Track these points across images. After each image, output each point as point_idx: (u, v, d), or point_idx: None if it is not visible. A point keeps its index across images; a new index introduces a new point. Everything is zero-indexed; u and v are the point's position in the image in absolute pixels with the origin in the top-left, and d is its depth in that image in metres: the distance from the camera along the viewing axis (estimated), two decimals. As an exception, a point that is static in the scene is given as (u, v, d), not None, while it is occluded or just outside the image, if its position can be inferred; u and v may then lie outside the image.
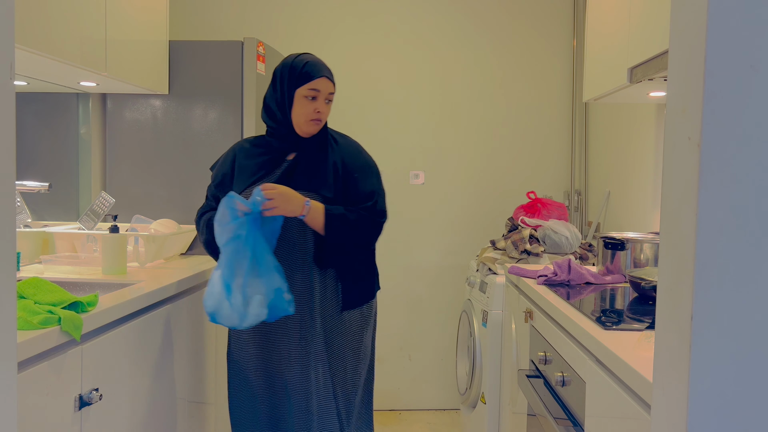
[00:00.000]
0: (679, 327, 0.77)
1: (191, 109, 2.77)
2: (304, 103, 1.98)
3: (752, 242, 0.74)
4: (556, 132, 3.68)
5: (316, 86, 1.98)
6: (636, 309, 1.84)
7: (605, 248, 2.23)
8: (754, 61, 0.73)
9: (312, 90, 1.98)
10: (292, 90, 1.99)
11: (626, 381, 1.26)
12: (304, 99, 1.98)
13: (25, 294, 1.51)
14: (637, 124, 2.90)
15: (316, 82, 1.98)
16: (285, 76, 2.00)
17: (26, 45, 1.82)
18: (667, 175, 0.81)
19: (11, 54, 0.82)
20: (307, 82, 1.97)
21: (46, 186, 2.24)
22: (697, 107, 0.74)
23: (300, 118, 1.99)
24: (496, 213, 3.63)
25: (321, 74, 1.99)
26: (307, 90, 1.97)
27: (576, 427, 1.59)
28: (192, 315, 2.27)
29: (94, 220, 2.46)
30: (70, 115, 2.72)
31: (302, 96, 1.98)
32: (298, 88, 1.98)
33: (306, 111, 1.98)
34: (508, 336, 2.53)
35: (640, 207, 2.82)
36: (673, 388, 0.78)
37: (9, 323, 0.82)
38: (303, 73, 1.98)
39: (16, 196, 1.53)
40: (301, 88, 1.98)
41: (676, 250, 0.79)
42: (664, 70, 1.82)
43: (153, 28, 2.63)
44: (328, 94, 2.01)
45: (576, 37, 3.63)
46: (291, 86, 1.99)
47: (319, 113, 1.99)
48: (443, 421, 3.56)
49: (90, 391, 1.56)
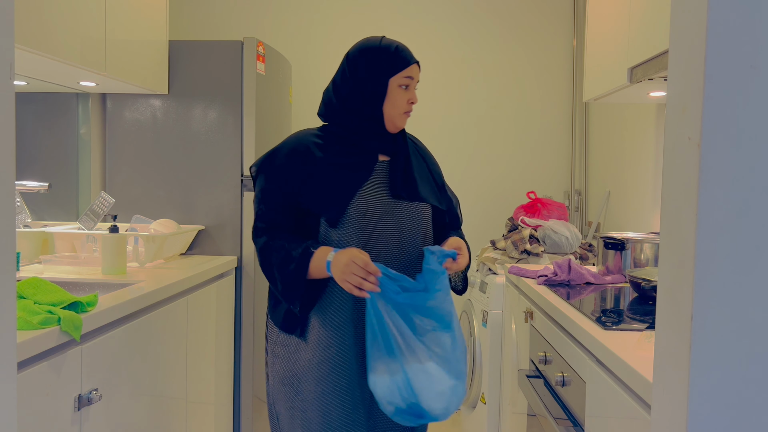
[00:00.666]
0: (679, 327, 0.77)
1: (191, 109, 2.77)
2: (399, 93, 1.71)
3: (752, 242, 0.74)
4: (556, 132, 3.68)
5: (411, 73, 1.73)
6: (636, 309, 1.83)
7: (605, 248, 2.23)
8: (754, 61, 0.73)
9: (407, 78, 1.72)
10: (386, 78, 1.70)
11: (626, 381, 1.26)
12: (399, 89, 1.71)
13: (24, 294, 1.51)
14: (637, 124, 2.90)
15: (411, 69, 1.73)
16: (373, 63, 1.70)
17: (26, 45, 1.82)
18: (667, 175, 0.81)
19: (11, 54, 0.82)
20: (403, 68, 1.71)
21: (46, 186, 2.24)
22: (697, 107, 0.74)
23: (394, 110, 1.71)
24: (496, 213, 3.63)
25: (414, 59, 1.75)
26: (402, 78, 1.71)
27: (576, 427, 1.59)
28: (192, 315, 2.27)
29: (94, 220, 2.46)
30: (70, 115, 2.72)
31: (397, 85, 1.71)
32: (394, 75, 1.70)
33: (401, 102, 1.72)
34: (508, 336, 2.53)
35: (640, 207, 2.82)
36: (673, 388, 0.78)
37: (9, 323, 0.82)
38: (398, 59, 1.71)
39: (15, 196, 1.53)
40: (396, 76, 1.70)
41: (676, 250, 0.79)
42: (664, 70, 1.82)
43: (153, 27, 2.63)
44: (417, 83, 1.78)
45: (576, 37, 3.62)
46: (384, 73, 1.70)
47: (412, 104, 1.75)
48: (443, 421, 3.56)
49: (90, 391, 1.56)
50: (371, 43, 1.73)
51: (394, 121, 1.73)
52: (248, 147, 2.73)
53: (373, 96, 1.70)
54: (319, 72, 3.61)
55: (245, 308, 2.75)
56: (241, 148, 2.74)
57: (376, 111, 1.71)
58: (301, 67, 3.57)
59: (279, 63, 3.04)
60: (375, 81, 1.70)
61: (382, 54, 1.70)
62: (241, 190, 2.75)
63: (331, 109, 1.76)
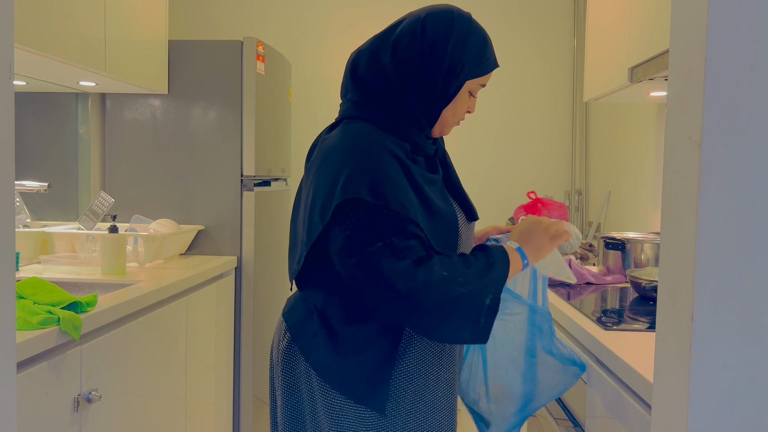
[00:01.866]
0: (679, 327, 0.77)
1: (191, 109, 2.77)
2: (466, 99, 1.37)
3: (752, 242, 0.74)
4: (556, 132, 3.68)
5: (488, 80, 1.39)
6: (636, 309, 1.83)
7: (606, 248, 2.23)
8: (754, 61, 0.72)
9: (482, 86, 1.38)
10: (465, 79, 1.33)
11: (626, 381, 1.26)
12: (467, 95, 1.37)
13: (24, 294, 1.51)
14: (637, 124, 2.90)
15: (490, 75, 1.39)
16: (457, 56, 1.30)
17: (26, 44, 1.82)
18: (667, 175, 0.81)
19: (11, 54, 0.82)
20: (486, 72, 1.36)
21: (45, 186, 2.23)
22: (697, 107, 0.74)
23: (453, 117, 1.39)
24: (496, 213, 3.63)
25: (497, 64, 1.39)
26: (477, 84, 1.36)
27: (576, 427, 1.59)
28: (191, 315, 2.27)
29: (94, 220, 2.46)
30: (70, 115, 2.72)
31: (468, 90, 1.36)
32: (475, 77, 1.34)
33: (463, 110, 1.39)
34: (508, 336, 2.53)
35: (640, 207, 2.82)
36: (673, 388, 0.78)
37: (8, 323, 0.82)
38: (487, 61, 1.35)
39: (15, 196, 1.53)
40: (476, 80, 1.35)
41: (676, 250, 0.79)
42: (665, 70, 1.82)
43: (152, 27, 2.63)
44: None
45: (576, 37, 3.62)
46: (466, 74, 1.32)
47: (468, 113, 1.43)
48: (443, 421, 3.56)
49: (89, 391, 1.56)
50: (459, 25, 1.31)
51: (444, 129, 1.40)
52: (248, 147, 2.73)
53: (441, 95, 1.33)
54: (318, 72, 3.61)
55: (245, 308, 2.75)
56: (241, 148, 2.73)
57: (436, 111, 1.35)
58: (301, 67, 3.57)
59: (279, 63, 3.04)
60: (452, 75, 1.31)
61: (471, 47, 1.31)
62: (241, 190, 2.75)
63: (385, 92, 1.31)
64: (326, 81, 3.61)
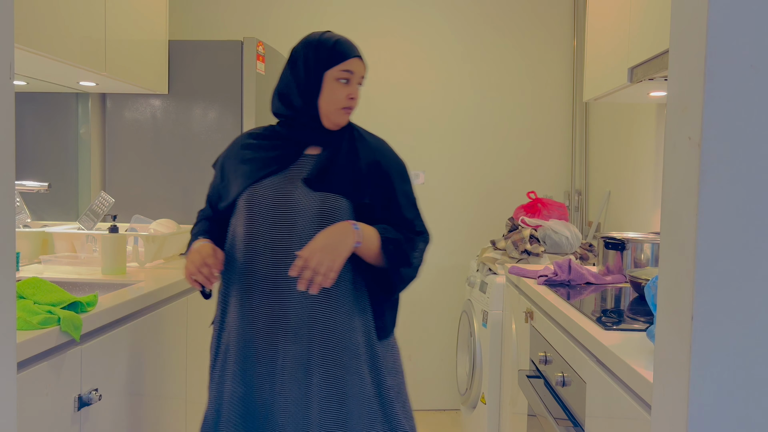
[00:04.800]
0: (679, 327, 0.77)
1: (191, 109, 2.77)
2: (336, 87, 1.65)
3: (752, 242, 0.74)
4: (556, 132, 3.68)
5: (350, 67, 1.66)
6: (636, 309, 1.83)
7: (605, 248, 2.23)
8: (754, 61, 0.72)
9: (345, 72, 1.65)
10: (322, 71, 1.65)
11: (626, 381, 1.26)
12: (336, 82, 1.65)
13: (24, 294, 1.51)
14: (637, 124, 2.90)
15: (350, 63, 1.66)
16: (310, 56, 1.66)
17: (26, 45, 1.82)
18: (667, 175, 0.81)
19: (11, 54, 0.82)
20: (340, 61, 1.65)
21: (46, 186, 2.23)
22: (697, 107, 0.74)
23: (330, 105, 1.66)
24: (496, 213, 3.63)
25: (355, 53, 1.68)
26: (339, 71, 1.65)
27: (576, 427, 1.59)
28: (191, 315, 2.27)
29: (94, 220, 2.46)
30: (70, 115, 2.72)
31: (333, 78, 1.65)
32: (329, 69, 1.65)
33: (338, 97, 1.66)
34: (509, 336, 2.53)
35: (640, 207, 2.82)
36: (673, 388, 0.78)
37: (8, 323, 0.82)
38: (336, 52, 1.66)
39: (15, 196, 1.53)
40: (332, 69, 1.65)
41: (676, 250, 0.79)
42: (665, 70, 1.82)
43: (153, 27, 2.63)
44: (361, 78, 1.70)
45: (576, 37, 3.62)
46: (320, 67, 1.65)
47: (352, 100, 1.68)
48: (443, 422, 3.56)
49: (89, 391, 1.56)
50: (312, 37, 1.70)
51: (330, 116, 1.67)
52: (248, 147, 2.73)
53: (307, 90, 1.66)
54: (319, 72, 3.61)
55: (245, 308, 2.75)
56: (241, 148, 2.73)
57: (310, 105, 1.66)
58: (301, 67, 3.57)
59: (279, 63, 3.04)
60: (310, 74, 1.65)
61: (321, 47, 1.66)
62: (241, 190, 2.75)
63: (273, 104, 1.75)
64: (326, 81, 3.60)
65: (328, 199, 1.62)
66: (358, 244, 1.55)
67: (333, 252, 1.50)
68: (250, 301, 1.63)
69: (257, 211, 1.63)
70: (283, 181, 1.65)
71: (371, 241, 1.58)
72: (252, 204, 1.64)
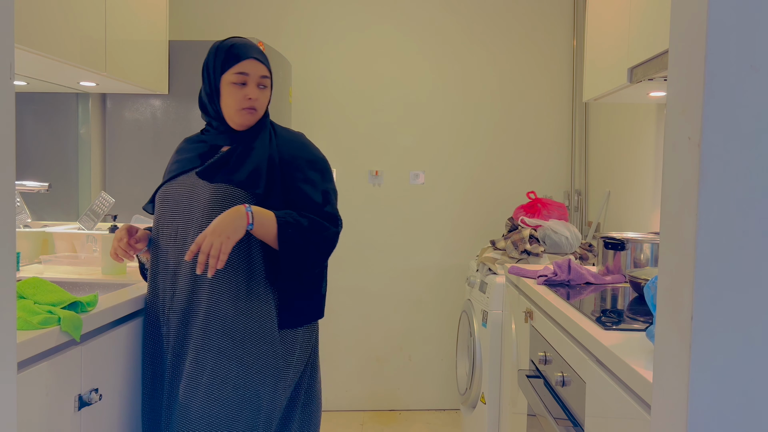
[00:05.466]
0: (679, 327, 0.77)
1: (191, 109, 2.76)
2: (232, 90, 1.72)
3: (752, 242, 0.74)
4: (556, 132, 3.68)
5: (244, 69, 1.71)
6: (636, 309, 1.83)
7: (605, 248, 2.23)
8: (754, 61, 0.72)
9: (239, 74, 1.71)
10: (218, 77, 1.73)
11: (626, 381, 1.26)
12: (232, 86, 1.72)
13: (24, 294, 1.51)
14: (637, 124, 2.90)
15: (243, 65, 1.71)
16: (210, 62, 1.75)
17: (26, 45, 1.82)
18: (667, 175, 0.81)
19: (11, 54, 0.82)
20: (233, 65, 1.71)
21: (46, 186, 2.23)
22: (697, 107, 0.74)
23: (230, 108, 1.73)
24: (496, 213, 3.63)
25: (249, 55, 1.72)
26: (233, 75, 1.71)
27: (576, 427, 1.59)
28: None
29: (94, 220, 2.46)
30: (70, 115, 2.72)
31: (229, 83, 1.72)
32: (224, 73, 1.72)
33: (235, 99, 1.72)
34: (508, 336, 2.53)
35: (640, 207, 2.82)
36: (673, 388, 0.78)
37: (9, 323, 0.82)
38: (228, 56, 1.72)
39: (15, 196, 1.53)
40: (227, 74, 1.72)
41: (676, 250, 0.79)
42: (664, 70, 1.82)
43: (153, 28, 2.63)
44: (260, 78, 1.74)
45: (576, 37, 3.63)
46: (217, 72, 1.73)
47: (250, 100, 1.72)
48: (443, 421, 3.56)
49: (89, 391, 1.56)
50: (216, 43, 1.78)
51: (233, 118, 1.74)
52: (248, 147, 2.73)
53: (211, 96, 1.75)
54: (319, 72, 3.61)
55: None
56: (241, 148, 2.73)
57: (216, 109, 1.76)
58: (301, 67, 3.57)
59: (279, 63, 3.04)
60: (211, 80, 1.74)
61: (216, 53, 1.74)
62: (241, 190, 2.75)
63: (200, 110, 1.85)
64: (326, 81, 3.61)
65: (220, 189, 1.68)
66: (251, 226, 1.60)
67: (222, 234, 1.56)
68: (156, 286, 1.77)
69: (166, 204, 1.76)
70: (190, 177, 1.75)
71: (267, 225, 1.62)
72: (162, 198, 1.77)
